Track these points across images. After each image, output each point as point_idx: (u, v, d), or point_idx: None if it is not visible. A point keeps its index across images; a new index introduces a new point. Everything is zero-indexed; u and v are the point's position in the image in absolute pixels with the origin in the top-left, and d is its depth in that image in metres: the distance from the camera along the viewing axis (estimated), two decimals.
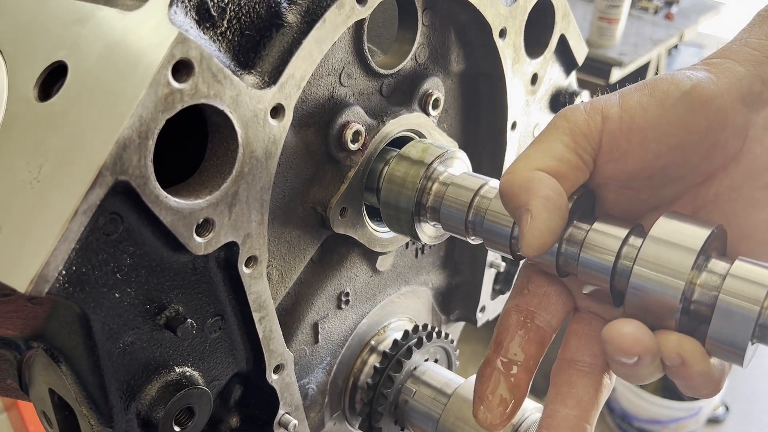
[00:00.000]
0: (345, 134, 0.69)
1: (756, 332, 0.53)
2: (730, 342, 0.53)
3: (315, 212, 0.71)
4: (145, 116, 0.50)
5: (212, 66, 0.53)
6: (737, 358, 0.54)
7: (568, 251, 0.61)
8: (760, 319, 0.52)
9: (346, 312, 0.81)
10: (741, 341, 0.53)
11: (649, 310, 0.57)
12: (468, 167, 0.75)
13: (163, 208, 0.53)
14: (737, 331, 0.53)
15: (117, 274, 0.54)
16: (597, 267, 0.60)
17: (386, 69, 0.74)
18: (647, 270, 0.56)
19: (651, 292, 0.56)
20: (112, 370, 0.58)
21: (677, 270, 0.55)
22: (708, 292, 0.55)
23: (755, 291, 0.53)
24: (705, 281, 0.55)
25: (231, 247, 0.60)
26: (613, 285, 0.59)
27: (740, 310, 0.53)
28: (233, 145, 0.57)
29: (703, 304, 0.55)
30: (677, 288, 0.55)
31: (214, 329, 0.64)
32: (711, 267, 0.56)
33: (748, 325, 0.52)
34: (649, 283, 0.56)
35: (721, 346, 0.54)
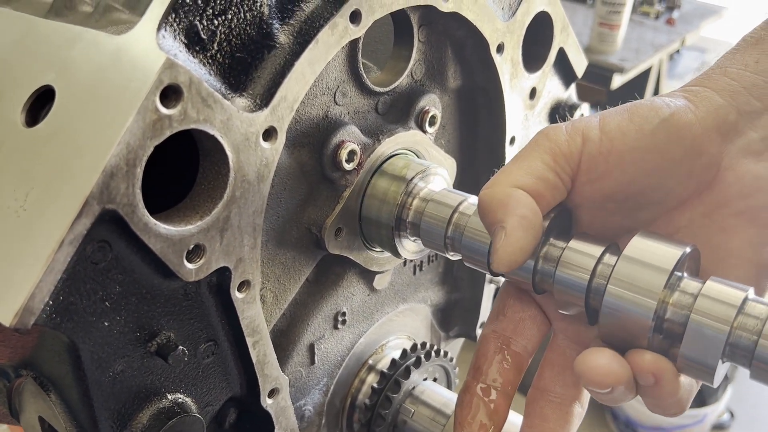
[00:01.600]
0: (340, 154, 0.68)
1: (726, 351, 0.54)
2: (701, 361, 0.55)
3: (310, 233, 0.70)
4: (133, 143, 0.49)
5: (202, 90, 0.52)
6: (708, 377, 0.56)
7: (544, 269, 0.62)
8: (730, 339, 0.54)
9: (342, 332, 0.80)
10: (711, 360, 0.54)
11: (622, 328, 0.58)
12: (449, 183, 0.75)
13: (152, 236, 0.52)
14: (708, 350, 0.54)
15: (106, 302, 0.53)
16: (572, 285, 0.61)
17: (382, 86, 0.73)
18: (621, 289, 0.57)
19: (624, 311, 0.57)
20: (102, 399, 0.56)
21: (650, 289, 0.56)
22: (680, 311, 0.56)
23: (725, 311, 0.54)
24: (677, 300, 0.56)
25: (223, 272, 0.59)
26: (588, 303, 0.60)
27: (711, 329, 0.54)
28: (224, 170, 0.56)
29: (676, 323, 0.56)
30: (650, 307, 0.56)
31: (207, 354, 0.63)
32: (683, 287, 0.57)
33: (719, 344, 0.53)
34: (622, 302, 0.57)
35: (692, 364, 0.55)
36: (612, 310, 0.58)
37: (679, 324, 0.57)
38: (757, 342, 0.54)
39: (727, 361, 0.56)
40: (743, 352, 0.55)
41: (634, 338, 0.58)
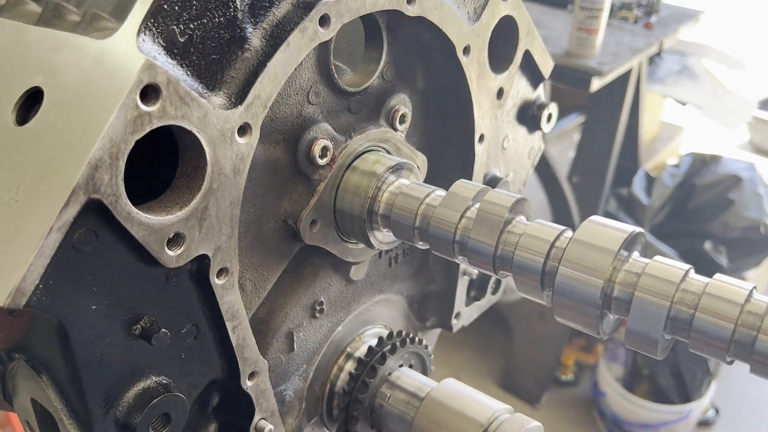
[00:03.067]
0: (313, 150, 0.73)
1: (667, 325, 0.59)
2: (645, 334, 0.59)
3: (286, 225, 0.75)
4: (116, 138, 0.53)
5: (179, 89, 0.56)
6: (652, 349, 0.60)
7: (503, 254, 0.68)
8: (671, 313, 0.58)
9: (321, 321, 0.85)
10: (654, 333, 0.59)
11: (573, 307, 0.63)
12: (419, 178, 0.79)
13: (135, 224, 0.56)
14: (651, 324, 0.59)
15: (93, 286, 0.57)
16: (528, 268, 0.66)
17: (354, 87, 0.77)
18: (571, 270, 0.62)
19: (575, 290, 0.62)
20: (91, 378, 0.60)
21: (597, 269, 0.61)
22: (625, 289, 0.61)
23: (666, 287, 0.59)
24: (623, 279, 0.61)
25: (202, 259, 0.63)
26: (543, 284, 0.65)
27: (653, 305, 0.59)
28: (202, 163, 0.60)
29: (622, 300, 0.61)
30: (597, 286, 0.61)
31: (189, 338, 0.67)
32: (629, 267, 0.62)
33: (660, 318, 0.58)
34: (572, 282, 0.62)
35: (637, 338, 0.60)
36: (563, 290, 0.63)
37: (625, 301, 0.62)
38: (694, 315, 0.58)
39: (669, 334, 0.61)
40: (683, 326, 0.59)
41: (584, 316, 0.63)
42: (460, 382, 0.86)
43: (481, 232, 0.69)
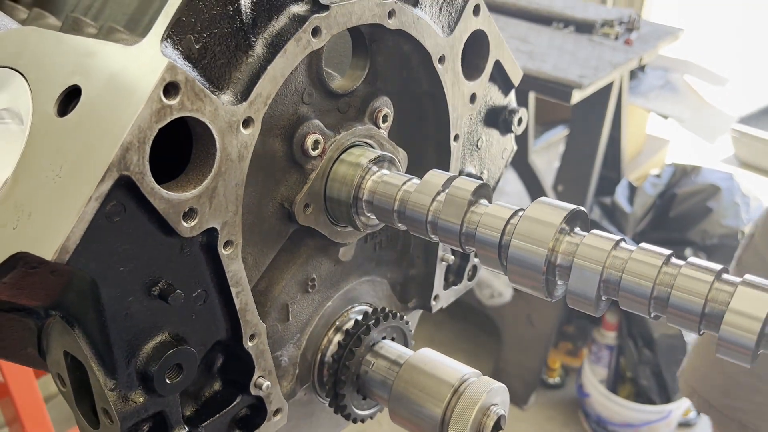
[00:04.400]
0: (306, 143, 0.85)
1: (601, 286, 0.70)
2: (583, 295, 0.70)
3: (283, 208, 0.86)
4: (143, 125, 0.65)
5: (195, 87, 0.68)
6: (590, 308, 0.71)
7: (467, 231, 0.79)
8: (603, 276, 0.69)
9: (312, 295, 0.96)
10: (590, 293, 0.71)
11: (524, 274, 0.74)
12: (399, 168, 0.91)
13: (157, 198, 0.68)
14: (587, 285, 0.70)
15: (120, 251, 0.69)
16: (488, 243, 0.77)
17: (342, 90, 0.89)
18: (521, 242, 0.73)
19: (524, 259, 0.73)
20: (117, 331, 0.72)
21: (543, 240, 0.72)
22: (567, 257, 0.72)
23: (599, 254, 0.70)
24: (565, 249, 0.73)
25: (212, 232, 0.75)
26: (500, 255, 0.76)
27: (588, 270, 0.70)
28: (212, 150, 0.72)
29: (564, 266, 0.73)
30: (542, 254, 0.72)
31: (199, 301, 0.78)
32: (569, 239, 0.73)
33: (594, 280, 0.70)
34: (522, 252, 0.73)
35: (577, 298, 0.72)
36: (515, 260, 0.75)
37: (566, 267, 0.73)
38: (621, 277, 0.70)
39: (603, 295, 0.72)
40: (613, 286, 0.71)
41: (533, 281, 0.75)
42: (437, 351, 0.98)
43: (449, 213, 0.81)
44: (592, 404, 3.07)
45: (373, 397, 0.98)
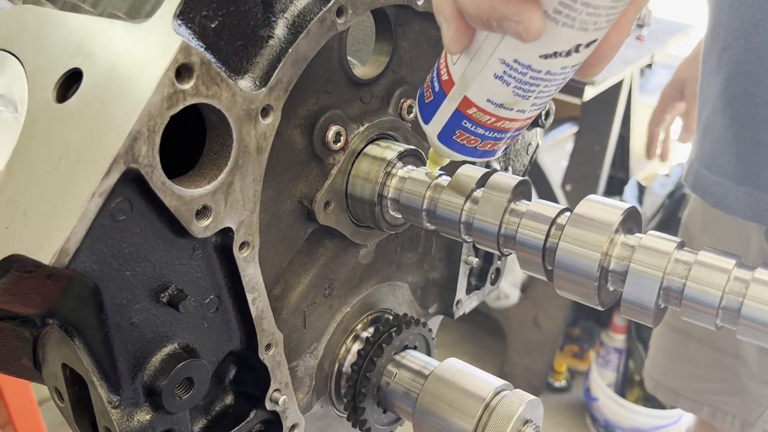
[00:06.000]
0: (327, 135, 0.77)
1: (660, 294, 0.63)
2: (640, 304, 0.64)
3: (302, 206, 0.79)
4: (153, 112, 0.57)
5: (210, 70, 0.61)
6: (647, 318, 0.65)
7: (507, 232, 0.73)
8: (664, 283, 0.62)
9: (330, 301, 0.89)
10: (648, 302, 0.64)
11: (573, 280, 0.67)
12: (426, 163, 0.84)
13: (168, 195, 0.61)
14: (645, 294, 0.63)
15: (126, 253, 0.62)
16: (530, 245, 0.71)
17: (365, 78, 0.82)
18: (570, 245, 0.67)
19: (574, 264, 0.66)
20: (121, 341, 0.64)
21: (596, 243, 0.65)
22: (621, 262, 0.65)
23: (659, 259, 0.63)
24: (619, 253, 0.66)
25: (227, 232, 0.68)
26: (544, 259, 0.70)
27: (647, 276, 0.63)
28: (228, 141, 0.65)
29: (618, 272, 0.66)
30: (595, 259, 0.65)
31: (212, 308, 0.71)
32: (624, 241, 0.66)
33: (654, 288, 0.63)
34: (572, 256, 0.67)
35: (632, 307, 0.65)
36: (563, 265, 0.68)
37: (621, 273, 0.66)
38: (685, 284, 0.63)
39: (663, 303, 0.65)
40: (675, 294, 0.64)
41: (583, 288, 0.68)
42: (463, 361, 0.91)
43: (486, 212, 0.74)
44: (600, 408, 3.01)
45: (395, 410, 0.91)
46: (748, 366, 1.49)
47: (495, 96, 0.65)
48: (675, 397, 1.65)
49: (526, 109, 0.66)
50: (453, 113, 0.69)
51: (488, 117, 0.67)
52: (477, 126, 0.68)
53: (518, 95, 0.64)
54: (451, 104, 0.69)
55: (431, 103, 0.71)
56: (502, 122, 0.67)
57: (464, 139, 0.70)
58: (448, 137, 0.71)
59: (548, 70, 0.62)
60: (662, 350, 1.69)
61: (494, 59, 0.63)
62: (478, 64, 0.64)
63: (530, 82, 0.63)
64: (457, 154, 0.72)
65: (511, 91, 0.64)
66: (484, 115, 0.67)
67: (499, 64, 0.63)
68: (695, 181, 1.44)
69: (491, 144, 0.71)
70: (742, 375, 1.52)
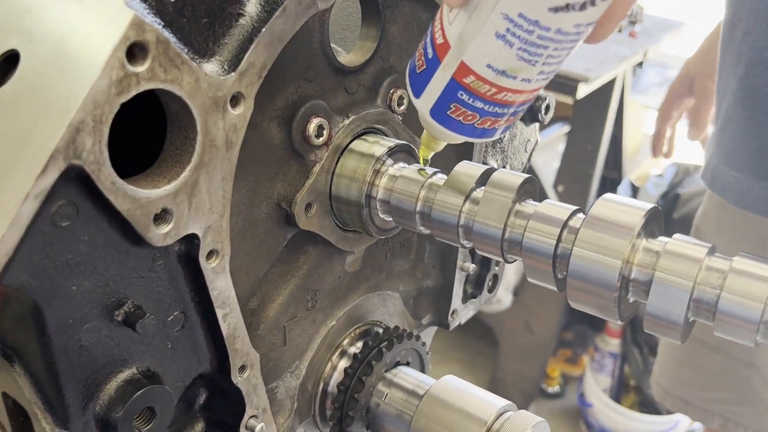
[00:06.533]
0: (308, 128, 0.69)
1: (690, 307, 0.55)
2: (667, 318, 0.55)
3: (280, 208, 0.70)
4: (100, 99, 0.49)
5: (169, 50, 0.52)
6: (675, 333, 0.56)
7: (512, 236, 0.64)
8: (694, 294, 0.54)
9: (314, 314, 0.80)
10: (676, 316, 0.55)
11: (589, 291, 0.59)
12: (418, 160, 0.76)
13: (120, 196, 0.52)
14: (672, 306, 0.55)
15: (72, 265, 0.53)
16: (539, 251, 0.62)
17: (350, 65, 0.73)
18: (586, 251, 0.58)
19: (591, 272, 0.58)
20: (69, 368, 0.55)
21: (616, 249, 0.57)
22: (644, 270, 0.57)
23: (688, 267, 0.55)
24: (642, 260, 0.57)
25: (191, 239, 0.59)
26: (555, 267, 0.61)
27: (674, 286, 0.55)
28: (192, 134, 0.56)
29: (641, 282, 0.57)
30: (615, 267, 0.57)
31: (176, 326, 0.62)
32: (647, 246, 0.58)
33: (683, 300, 0.54)
34: (589, 264, 0.58)
35: (659, 321, 0.56)
36: (578, 273, 0.60)
37: (644, 283, 0.58)
38: (719, 296, 0.55)
39: (692, 317, 0.57)
40: (707, 307, 0.56)
41: (602, 299, 0.59)
42: (461, 379, 0.82)
43: (488, 214, 0.65)
44: (595, 414, 2.93)
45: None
46: (762, 374, 1.42)
47: (496, 60, 0.56)
48: (685, 407, 1.57)
49: (532, 78, 0.57)
50: (448, 83, 0.59)
51: (488, 87, 0.58)
52: (475, 98, 0.59)
53: (523, 59, 0.55)
54: (445, 72, 0.59)
55: (423, 73, 0.61)
56: (504, 93, 0.58)
57: (460, 114, 0.61)
58: (442, 112, 0.61)
59: (559, 27, 0.53)
60: (671, 357, 1.61)
61: (496, 14, 0.54)
62: (478, 21, 0.55)
63: (537, 42, 0.54)
64: (453, 132, 0.63)
65: (515, 54, 0.55)
66: (483, 84, 0.57)
67: (501, 20, 0.53)
68: (713, 178, 1.35)
69: (491, 121, 0.61)
70: (755, 384, 1.44)
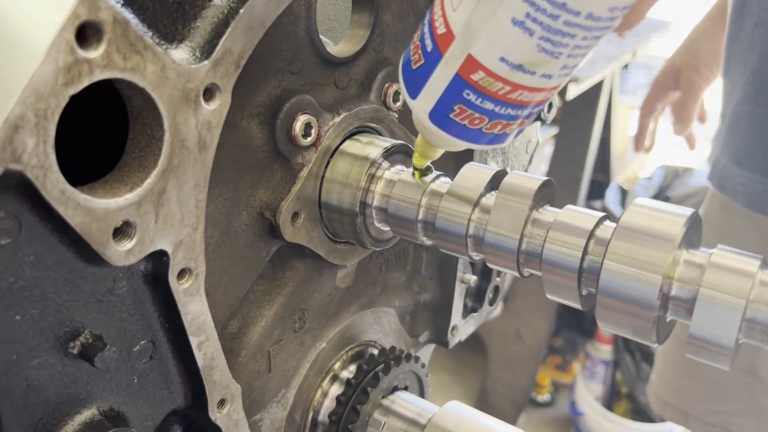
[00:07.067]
0: (294, 127, 0.60)
1: (742, 328, 0.47)
2: (715, 341, 0.48)
3: (263, 218, 0.62)
4: (43, 90, 0.40)
5: (129, 33, 0.43)
6: (724, 359, 0.49)
7: (530, 247, 0.56)
8: (747, 313, 0.47)
9: (302, 336, 0.71)
10: (726, 339, 0.47)
11: (624, 310, 0.51)
12: None
13: (71, 207, 0.43)
14: (721, 328, 0.47)
15: (15, 290, 0.44)
16: (562, 264, 0.54)
17: (341, 56, 0.65)
18: (619, 265, 0.50)
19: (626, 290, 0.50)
20: (14, 412, 0.47)
21: (654, 263, 0.49)
22: (687, 286, 0.49)
23: (739, 282, 0.47)
24: (683, 275, 0.50)
25: (160, 257, 0.50)
26: (580, 283, 0.53)
27: (724, 305, 0.47)
28: (158, 133, 0.48)
29: (683, 299, 0.50)
30: (655, 284, 0.49)
31: (144, 358, 0.53)
32: (689, 258, 0.50)
33: (734, 320, 0.46)
34: (623, 280, 0.50)
35: (705, 345, 0.48)
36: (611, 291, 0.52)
37: (686, 301, 0.50)
38: None
39: (744, 339, 0.49)
40: (762, 328, 0.48)
41: (639, 320, 0.51)
42: (466, 405, 0.74)
43: (502, 222, 0.57)
44: (587, 423, 2.86)
45: None
46: (766, 384, 1.35)
47: (512, 52, 0.47)
48: (684, 418, 1.50)
49: (554, 74, 0.48)
50: (451, 81, 0.50)
51: (500, 85, 0.49)
52: (484, 98, 0.50)
53: (545, 51, 0.46)
54: (448, 68, 0.50)
55: (421, 69, 0.52)
56: (519, 92, 0.49)
57: (466, 117, 0.51)
58: (443, 115, 0.52)
59: (590, 12, 0.44)
60: (670, 367, 1.53)
61: None
62: (490, 5, 0.46)
63: (563, 30, 0.45)
64: (456, 139, 0.54)
65: (536, 44, 0.46)
66: (495, 81, 0.48)
67: (519, 3, 0.44)
68: (722, 180, 1.27)
69: (502, 124, 0.52)
70: (758, 394, 1.37)
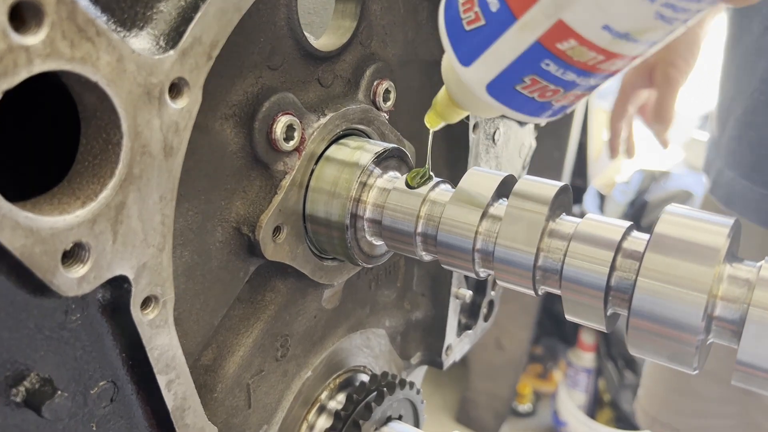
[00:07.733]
0: (275, 129, 0.53)
1: None
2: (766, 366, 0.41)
3: (240, 234, 0.54)
4: None
5: (77, 16, 0.36)
6: None
7: (548, 263, 0.49)
8: None
9: (285, 364, 0.64)
10: None
11: (662, 334, 0.45)
12: (411, 168, 0.61)
13: (8, 228, 0.35)
14: None
15: None
16: (586, 282, 0.47)
17: (325, 50, 0.58)
18: (657, 282, 0.44)
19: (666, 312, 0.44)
20: None
21: (699, 280, 0.43)
22: (733, 305, 0.43)
23: None
24: (729, 293, 0.44)
25: (120, 283, 0.42)
26: (607, 303, 0.47)
27: None
28: (115, 137, 0.40)
29: (728, 321, 0.44)
30: (699, 304, 0.43)
31: (104, 402, 0.45)
32: (733, 274, 0.44)
33: None
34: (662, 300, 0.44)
35: (755, 372, 0.42)
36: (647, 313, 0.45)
37: (733, 322, 0.44)
38: None
39: None
40: None
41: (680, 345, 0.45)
42: None
43: (515, 235, 0.50)
44: None
45: None
46: (761, 402, 1.29)
47: (622, 19, 0.39)
48: None
49: (658, 40, 0.40)
50: (528, 49, 0.42)
51: (593, 54, 0.41)
52: (567, 69, 0.42)
53: (662, 18, 0.38)
54: (525, 34, 0.41)
55: (479, 32, 0.43)
56: (611, 61, 0.41)
57: (536, 89, 0.43)
58: (508, 87, 0.44)
59: None
60: (660, 381, 1.47)
61: None
62: None
63: None
64: (514, 111, 0.46)
65: (656, 9, 0.38)
66: (588, 51, 0.40)
67: None
68: (730, 195, 1.17)
69: (576, 96, 0.44)
70: (752, 411, 1.32)
